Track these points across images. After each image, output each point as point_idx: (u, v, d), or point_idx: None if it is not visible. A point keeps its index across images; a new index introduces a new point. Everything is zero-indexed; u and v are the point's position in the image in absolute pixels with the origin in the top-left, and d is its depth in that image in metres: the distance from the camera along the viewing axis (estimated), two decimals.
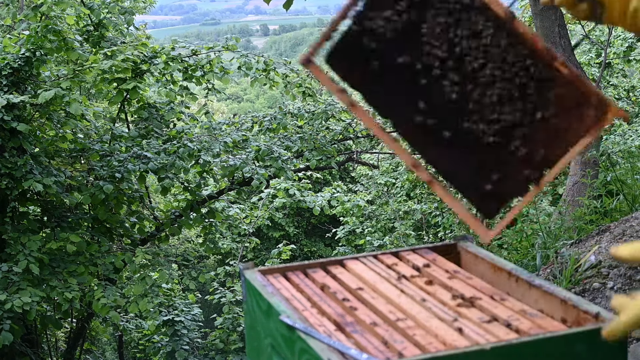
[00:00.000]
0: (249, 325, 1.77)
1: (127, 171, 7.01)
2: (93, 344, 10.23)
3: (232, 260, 11.97)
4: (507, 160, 1.48)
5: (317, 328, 1.48)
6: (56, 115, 7.08)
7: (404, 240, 10.08)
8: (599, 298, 3.28)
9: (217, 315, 10.63)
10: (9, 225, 6.81)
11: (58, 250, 6.81)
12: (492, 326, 1.46)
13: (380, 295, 1.63)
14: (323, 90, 12.80)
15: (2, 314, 6.04)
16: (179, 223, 8.07)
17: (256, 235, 14.42)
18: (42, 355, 8.05)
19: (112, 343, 12.24)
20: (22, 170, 6.44)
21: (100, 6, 7.80)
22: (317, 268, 1.81)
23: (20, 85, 6.78)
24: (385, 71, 1.47)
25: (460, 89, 1.46)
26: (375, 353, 1.37)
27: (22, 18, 7.33)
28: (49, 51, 6.82)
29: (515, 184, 1.48)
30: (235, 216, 10.03)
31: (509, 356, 1.34)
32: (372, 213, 11.44)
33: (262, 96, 45.22)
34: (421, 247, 1.91)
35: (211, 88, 8.08)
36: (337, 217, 12.64)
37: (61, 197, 7.10)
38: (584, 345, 1.39)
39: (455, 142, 1.48)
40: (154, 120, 7.73)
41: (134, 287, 7.50)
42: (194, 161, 7.63)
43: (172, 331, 9.45)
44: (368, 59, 1.47)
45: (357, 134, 9.54)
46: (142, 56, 7.38)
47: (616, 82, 12.17)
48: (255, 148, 7.98)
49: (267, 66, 8.12)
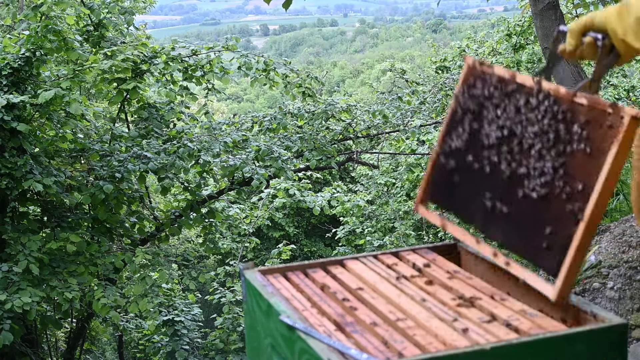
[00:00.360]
0: (249, 325, 1.77)
1: (127, 171, 7.01)
2: (93, 344, 10.23)
3: (232, 260, 11.97)
4: (555, 207, 1.50)
5: (317, 328, 1.48)
6: (56, 115, 7.07)
7: (404, 240, 10.08)
8: (599, 298, 3.28)
9: (217, 315, 10.64)
10: (9, 225, 6.80)
11: (58, 250, 6.80)
12: (492, 326, 1.46)
13: (380, 295, 1.63)
14: (323, 90, 12.80)
15: (2, 314, 6.04)
16: (179, 223, 8.07)
17: (256, 235, 14.43)
18: (42, 355, 8.05)
19: (112, 343, 12.24)
20: (22, 170, 6.44)
21: (100, 6, 7.79)
22: (317, 268, 1.81)
23: (20, 85, 6.77)
24: (461, 178, 1.74)
25: (513, 165, 1.62)
26: (375, 353, 1.37)
27: (22, 18, 7.33)
28: (49, 51, 6.82)
29: (565, 225, 1.48)
30: (235, 216, 10.03)
31: (509, 356, 1.34)
32: (372, 213, 11.44)
33: (262, 96, 45.22)
34: (421, 247, 1.91)
35: (211, 88, 8.08)
36: (337, 217, 12.64)
37: (61, 197, 7.10)
38: (584, 345, 1.39)
39: (513, 211, 1.59)
40: (154, 120, 7.73)
41: (134, 287, 7.50)
42: (194, 161, 7.63)
43: (172, 331, 9.45)
44: (451, 176, 1.76)
45: (357, 134, 9.53)
46: (142, 56, 7.38)
47: (616, 82, 12.18)
48: (255, 148, 7.97)
49: (267, 66, 8.12)
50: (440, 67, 13.04)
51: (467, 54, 12.96)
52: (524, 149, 1.59)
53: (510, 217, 1.60)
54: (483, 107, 1.72)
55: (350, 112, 9.23)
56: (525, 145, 1.59)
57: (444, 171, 1.80)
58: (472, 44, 13.55)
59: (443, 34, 72.32)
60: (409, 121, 9.89)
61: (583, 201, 1.44)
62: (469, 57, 1.83)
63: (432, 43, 16.50)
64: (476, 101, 1.75)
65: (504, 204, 1.62)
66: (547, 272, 1.48)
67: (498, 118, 1.67)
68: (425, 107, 10.28)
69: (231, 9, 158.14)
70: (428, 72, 14.30)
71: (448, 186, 1.78)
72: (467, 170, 1.73)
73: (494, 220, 1.63)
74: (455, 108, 1.80)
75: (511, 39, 11.88)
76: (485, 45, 13.00)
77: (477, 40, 13.87)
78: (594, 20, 1.52)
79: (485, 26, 22.13)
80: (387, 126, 9.72)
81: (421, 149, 10.11)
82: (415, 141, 10.24)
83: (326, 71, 23.57)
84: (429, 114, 10.26)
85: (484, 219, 1.66)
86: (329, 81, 35.31)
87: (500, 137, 1.65)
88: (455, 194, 1.76)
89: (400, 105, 9.83)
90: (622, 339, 1.42)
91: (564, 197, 1.49)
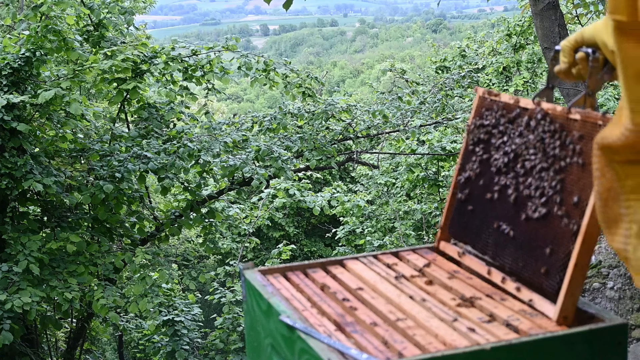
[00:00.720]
0: (249, 325, 1.77)
1: (127, 171, 7.01)
2: (93, 344, 10.22)
3: (232, 260, 11.97)
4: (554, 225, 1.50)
5: (317, 328, 1.48)
6: (56, 115, 7.07)
7: (404, 240, 10.08)
8: (599, 298, 3.28)
9: (217, 315, 10.63)
10: (9, 225, 6.80)
11: (58, 250, 6.80)
12: (492, 326, 1.46)
13: (380, 295, 1.63)
14: (323, 90, 12.80)
15: (2, 314, 6.04)
16: (179, 223, 8.06)
17: (256, 235, 14.43)
18: (42, 355, 8.05)
19: (112, 343, 12.25)
20: (22, 170, 6.44)
21: (100, 6, 7.79)
22: (317, 268, 1.81)
23: (20, 85, 6.77)
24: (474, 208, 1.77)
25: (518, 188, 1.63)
26: (375, 353, 1.37)
27: (22, 18, 7.33)
28: (49, 51, 6.82)
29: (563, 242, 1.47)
30: (235, 216, 10.03)
31: (509, 356, 1.34)
32: (372, 213, 11.44)
33: (262, 96, 45.24)
34: (421, 247, 1.91)
35: (211, 88, 8.08)
36: (337, 217, 12.64)
37: (61, 197, 7.10)
38: (584, 345, 1.39)
39: (518, 235, 1.60)
40: (154, 120, 7.73)
41: (134, 287, 7.50)
42: (194, 161, 7.63)
43: (172, 331, 9.44)
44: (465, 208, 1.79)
45: (357, 134, 9.53)
46: (142, 56, 7.38)
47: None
48: (255, 148, 7.97)
49: (267, 66, 8.12)
50: (440, 67, 13.04)
51: (467, 54, 12.97)
52: (527, 171, 1.60)
53: (516, 240, 1.60)
54: (491, 136, 1.74)
55: (350, 112, 9.23)
56: (527, 167, 1.61)
57: (459, 204, 1.82)
58: (472, 44, 13.56)
59: (443, 34, 72.32)
60: (409, 121, 9.88)
61: (579, 216, 1.44)
62: (479, 87, 1.84)
63: (432, 43, 16.50)
64: (485, 130, 1.77)
65: (511, 228, 1.62)
66: (549, 292, 1.48)
67: (504, 144, 1.70)
68: (425, 107, 10.28)
69: (231, 9, 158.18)
70: (428, 72, 14.30)
71: (464, 218, 1.80)
72: (480, 200, 1.75)
73: (503, 246, 1.64)
74: (467, 141, 1.83)
75: (511, 39, 11.88)
76: (485, 45, 13.00)
77: (477, 40, 13.87)
78: (584, 35, 1.49)
79: (485, 26, 22.14)
80: (387, 126, 9.72)
81: (421, 149, 10.11)
82: (415, 141, 10.23)
83: (326, 71, 23.58)
84: (429, 114, 10.25)
85: (495, 246, 1.66)
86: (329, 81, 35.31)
87: (507, 163, 1.67)
88: (469, 225, 1.78)
89: (400, 105, 9.83)
90: (622, 339, 1.42)
91: (560, 214, 1.49)
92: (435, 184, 10.22)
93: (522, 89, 11.45)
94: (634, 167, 1.06)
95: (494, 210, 1.69)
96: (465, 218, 1.79)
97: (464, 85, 11.13)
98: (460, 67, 12.48)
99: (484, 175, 1.75)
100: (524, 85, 11.51)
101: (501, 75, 11.91)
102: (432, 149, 9.75)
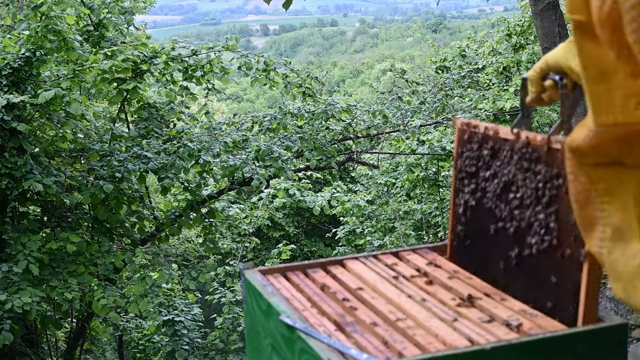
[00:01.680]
0: (249, 325, 1.77)
1: (127, 171, 7.01)
2: (93, 344, 10.23)
3: (232, 260, 11.98)
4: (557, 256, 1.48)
5: (317, 328, 1.48)
6: (56, 115, 7.08)
7: (404, 240, 10.09)
8: (599, 298, 3.28)
9: (217, 315, 10.63)
10: (9, 225, 6.80)
11: (58, 250, 6.81)
12: (492, 326, 1.46)
13: (380, 295, 1.63)
14: (323, 90, 12.81)
15: (2, 314, 6.04)
16: (179, 223, 8.07)
17: (256, 235, 14.43)
18: (42, 355, 8.05)
19: (112, 343, 12.25)
20: (22, 170, 6.44)
21: (100, 6, 7.80)
22: (317, 268, 1.81)
23: (20, 85, 6.78)
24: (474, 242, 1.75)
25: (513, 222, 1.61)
26: (375, 353, 1.37)
27: (22, 18, 7.33)
28: (49, 51, 6.82)
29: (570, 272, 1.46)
30: (235, 216, 10.03)
31: (509, 356, 1.34)
32: (372, 213, 11.45)
33: (262, 96, 45.28)
34: (421, 247, 1.91)
35: (211, 88, 8.08)
36: (337, 217, 12.65)
37: (61, 197, 7.10)
38: (584, 345, 1.39)
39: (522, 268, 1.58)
40: (154, 120, 7.73)
41: (134, 287, 7.50)
42: (194, 161, 7.63)
43: (172, 331, 9.45)
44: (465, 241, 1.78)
45: (357, 134, 9.54)
46: (142, 56, 7.38)
47: None
48: (255, 148, 7.98)
49: (267, 66, 8.12)
50: (440, 67, 13.03)
51: (467, 54, 12.97)
52: (520, 204, 1.59)
53: (523, 274, 1.59)
54: (478, 168, 1.72)
55: (350, 112, 9.23)
56: (519, 199, 1.59)
57: (459, 237, 1.81)
58: (472, 44, 13.55)
59: (443, 34, 72.35)
60: (409, 121, 9.89)
61: (581, 245, 1.42)
62: (457, 118, 1.81)
63: (432, 43, 16.50)
64: (470, 162, 1.75)
65: (515, 262, 1.61)
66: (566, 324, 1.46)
67: (493, 177, 1.67)
68: (425, 107, 10.28)
69: (231, 9, 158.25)
70: (428, 72, 14.30)
71: (467, 251, 1.78)
72: (477, 234, 1.73)
73: (512, 279, 1.62)
74: (456, 174, 1.81)
75: (511, 39, 11.88)
76: (485, 45, 12.99)
77: (477, 40, 13.87)
78: (548, 62, 1.47)
79: (485, 26, 22.12)
80: (387, 126, 9.72)
81: (421, 149, 10.11)
82: (415, 141, 10.24)
83: (326, 71, 23.59)
84: (429, 114, 10.25)
85: (505, 278, 1.65)
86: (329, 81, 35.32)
87: (499, 195, 1.65)
88: (473, 257, 1.76)
89: (400, 105, 9.83)
90: (622, 339, 1.42)
91: (561, 245, 1.47)
92: (435, 184, 10.23)
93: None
94: (605, 170, 1.06)
95: (494, 245, 1.67)
96: (469, 251, 1.78)
97: (464, 85, 11.14)
98: (460, 67, 12.48)
99: (479, 208, 1.72)
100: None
101: (501, 75, 11.91)
102: (432, 149, 9.76)
